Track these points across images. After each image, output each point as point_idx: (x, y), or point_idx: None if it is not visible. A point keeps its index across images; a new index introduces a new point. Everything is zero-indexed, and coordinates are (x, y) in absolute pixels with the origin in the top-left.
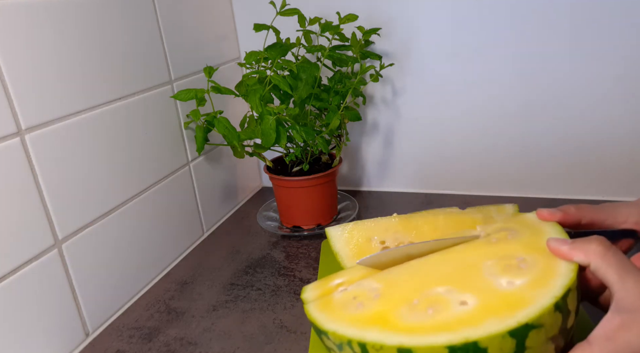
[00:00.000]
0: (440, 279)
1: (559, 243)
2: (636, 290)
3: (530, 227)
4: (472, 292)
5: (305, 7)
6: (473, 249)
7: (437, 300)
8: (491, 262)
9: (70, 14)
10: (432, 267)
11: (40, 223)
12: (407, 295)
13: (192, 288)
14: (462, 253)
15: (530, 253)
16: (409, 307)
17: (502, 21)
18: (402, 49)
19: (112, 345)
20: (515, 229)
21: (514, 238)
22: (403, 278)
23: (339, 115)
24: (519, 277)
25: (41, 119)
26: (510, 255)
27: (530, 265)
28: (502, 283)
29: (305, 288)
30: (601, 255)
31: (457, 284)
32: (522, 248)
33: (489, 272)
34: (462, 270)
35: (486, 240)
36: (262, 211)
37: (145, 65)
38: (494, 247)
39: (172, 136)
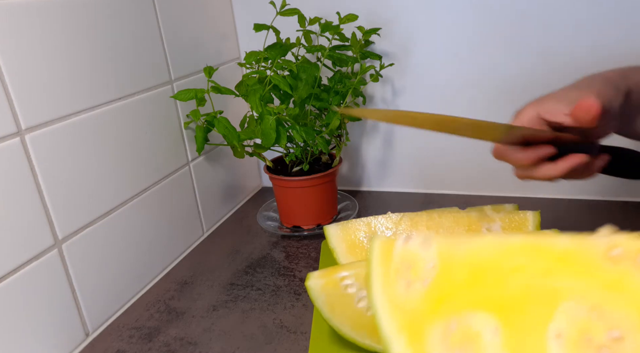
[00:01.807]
0: (497, 300)
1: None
2: None
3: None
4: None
5: (305, 7)
6: (573, 257)
7: (472, 341)
8: (572, 308)
9: (70, 14)
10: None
11: (40, 223)
12: (450, 303)
13: (192, 288)
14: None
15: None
16: (445, 326)
17: (503, 21)
18: (402, 49)
19: (112, 345)
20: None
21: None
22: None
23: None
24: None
25: (41, 119)
26: (606, 312)
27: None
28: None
29: (310, 275)
30: None
31: (509, 325)
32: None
33: (556, 331)
34: (530, 300)
35: (604, 250)
36: (262, 211)
37: (145, 65)
38: (600, 273)
39: (172, 136)
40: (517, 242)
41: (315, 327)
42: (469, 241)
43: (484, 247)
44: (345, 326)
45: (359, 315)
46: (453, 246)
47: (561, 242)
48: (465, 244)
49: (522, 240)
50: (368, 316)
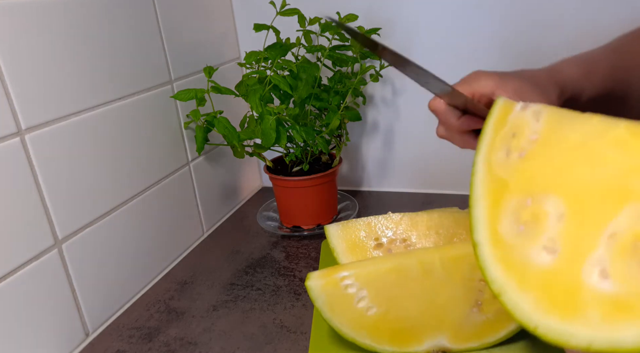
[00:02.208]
0: (575, 185)
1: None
2: None
3: None
4: (565, 243)
5: (305, 7)
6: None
7: (538, 221)
8: (635, 211)
9: (71, 14)
10: (591, 155)
11: (40, 223)
12: (536, 178)
13: (192, 288)
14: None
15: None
16: (521, 201)
17: (503, 21)
18: (402, 49)
19: (112, 345)
20: None
21: None
22: (559, 143)
23: (339, 115)
24: (617, 277)
25: (41, 119)
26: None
27: None
28: (594, 269)
29: (310, 275)
30: None
31: (574, 214)
32: None
33: (610, 232)
34: (602, 193)
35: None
36: (262, 211)
37: (145, 65)
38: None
39: (172, 136)
40: (619, 133)
41: (315, 327)
42: (578, 119)
43: (589, 129)
44: (345, 326)
45: (359, 315)
46: (561, 122)
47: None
48: (573, 122)
49: (626, 131)
50: (368, 316)
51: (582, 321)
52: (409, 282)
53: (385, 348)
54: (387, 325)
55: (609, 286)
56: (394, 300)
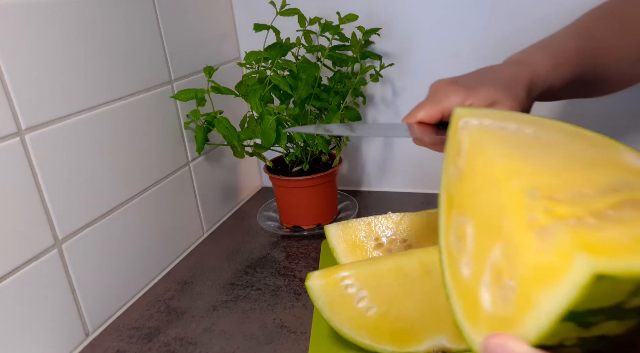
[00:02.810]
0: (477, 212)
1: (497, 351)
2: None
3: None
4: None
5: (305, 7)
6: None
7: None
8: (500, 248)
9: (71, 14)
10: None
11: (40, 223)
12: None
13: (192, 288)
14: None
15: (519, 287)
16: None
17: (503, 21)
18: (402, 49)
19: (112, 345)
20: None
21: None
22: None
23: (339, 115)
24: (492, 301)
25: (41, 119)
26: (512, 261)
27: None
28: (484, 290)
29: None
30: None
31: (479, 237)
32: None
33: (492, 259)
34: (490, 223)
35: (529, 203)
36: (262, 211)
37: (145, 65)
38: (519, 226)
39: (172, 136)
40: (495, 167)
41: (315, 327)
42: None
43: (486, 161)
44: (345, 326)
45: (359, 315)
46: (479, 145)
47: (514, 185)
48: (487, 147)
49: (498, 167)
50: (368, 316)
51: (479, 333)
52: (409, 282)
53: (385, 348)
54: (387, 325)
55: (489, 307)
56: (394, 300)
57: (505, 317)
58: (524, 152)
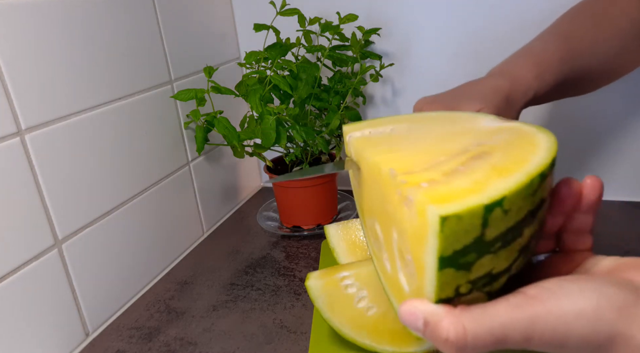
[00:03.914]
0: (374, 209)
1: (408, 321)
2: None
3: (421, 208)
4: (388, 254)
5: (305, 7)
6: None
7: (377, 236)
8: (395, 230)
9: (71, 14)
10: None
11: (40, 223)
12: (366, 209)
13: (192, 288)
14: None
15: (412, 256)
16: (369, 223)
17: (503, 21)
18: (402, 49)
19: (112, 345)
20: (412, 196)
21: (409, 210)
22: (372, 173)
23: (339, 115)
24: (406, 280)
25: (41, 119)
26: (403, 238)
27: (412, 274)
28: (401, 273)
29: (309, 275)
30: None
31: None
32: (410, 234)
33: (395, 242)
34: (384, 213)
35: (394, 182)
36: (262, 211)
37: (145, 65)
38: (396, 205)
39: (172, 136)
40: (369, 163)
41: (315, 327)
42: (361, 154)
43: (364, 161)
44: (345, 326)
45: (359, 316)
46: (360, 154)
47: (384, 171)
48: (364, 153)
49: (371, 162)
50: (368, 316)
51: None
52: None
53: (385, 348)
54: (387, 325)
55: (407, 288)
56: None
57: (416, 289)
58: (393, 147)
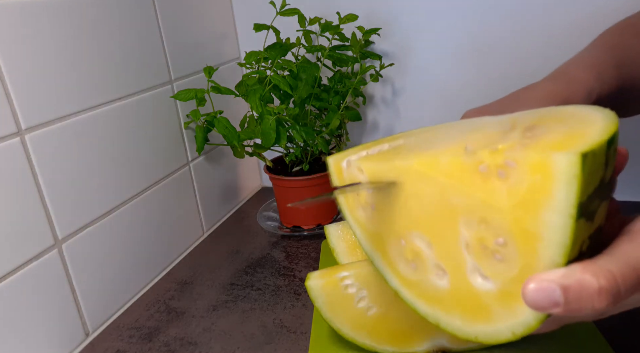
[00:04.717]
0: (423, 220)
1: (539, 300)
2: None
3: (538, 171)
4: (446, 265)
5: (305, 7)
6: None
7: (418, 254)
8: (468, 221)
9: (71, 14)
10: (419, 193)
11: (40, 223)
12: (395, 226)
13: (192, 288)
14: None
15: (514, 234)
16: (398, 246)
17: (503, 21)
18: (402, 49)
19: (112, 345)
20: (517, 158)
21: (507, 183)
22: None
23: (339, 115)
24: (490, 276)
25: (41, 119)
26: (491, 222)
27: (505, 260)
28: (476, 276)
29: (310, 275)
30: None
31: (436, 239)
32: (509, 214)
33: (465, 242)
34: (441, 217)
35: (473, 165)
36: (262, 211)
37: (145, 65)
38: (478, 189)
39: (172, 136)
40: (412, 165)
41: (315, 327)
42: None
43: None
44: (345, 326)
45: (359, 315)
46: (378, 170)
47: (443, 161)
48: (386, 168)
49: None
50: (368, 316)
51: (497, 318)
52: None
53: (385, 348)
54: (387, 326)
55: (491, 285)
56: (394, 300)
57: (516, 276)
58: (425, 149)
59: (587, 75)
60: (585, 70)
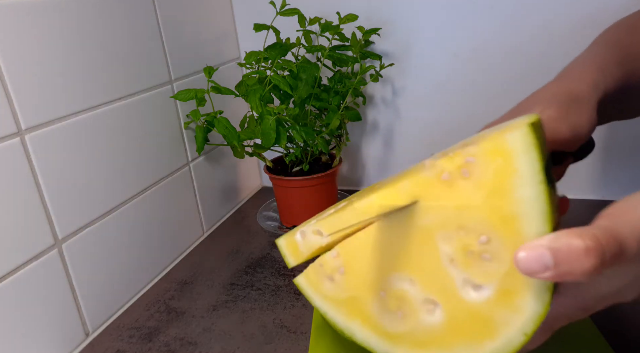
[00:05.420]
0: (398, 259)
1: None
2: None
3: (498, 155)
4: (435, 295)
5: (305, 7)
6: (422, 200)
7: (403, 298)
8: (446, 235)
9: (71, 14)
10: (386, 235)
11: (40, 223)
12: (371, 280)
13: (192, 288)
14: (410, 217)
15: (495, 226)
16: (378, 300)
17: (503, 21)
18: (402, 49)
19: (112, 345)
20: (474, 152)
21: (473, 179)
22: (360, 251)
23: (339, 115)
24: (484, 281)
25: (41, 119)
26: (469, 225)
27: (494, 256)
28: (468, 290)
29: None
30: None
31: (417, 273)
32: (483, 208)
33: (448, 259)
34: (416, 246)
35: (435, 177)
36: (262, 211)
37: (145, 65)
38: (446, 199)
39: (172, 136)
40: (367, 204)
41: (315, 327)
42: (347, 213)
43: (358, 212)
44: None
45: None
46: (338, 221)
47: (402, 186)
48: (346, 216)
49: (370, 201)
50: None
51: (503, 326)
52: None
53: None
54: None
55: (486, 291)
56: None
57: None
58: (372, 191)
59: (592, 73)
60: (589, 68)
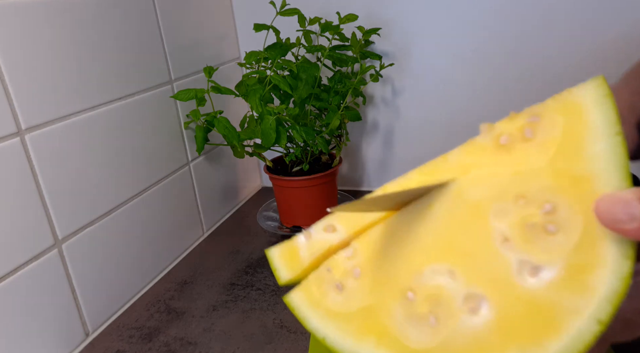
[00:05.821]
0: (434, 247)
1: (616, 212)
2: None
3: (566, 111)
4: (483, 286)
5: (305, 7)
6: (474, 169)
7: (438, 297)
8: (501, 208)
9: (71, 14)
10: (419, 220)
11: (40, 223)
12: (396, 279)
13: (192, 288)
14: (458, 184)
15: (563, 189)
16: (404, 304)
17: (503, 21)
18: (402, 49)
19: (112, 345)
20: (538, 112)
21: (536, 140)
22: (384, 244)
23: (339, 115)
24: (546, 260)
25: (41, 119)
26: (530, 192)
27: (561, 227)
28: (525, 276)
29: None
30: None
31: (459, 261)
32: (547, 171)
33: (502, 238)
34: (461, 226)
35: (492, 141)
36: (262, 211)
37: (145, 65)
38: (503, 165)
39: (172, 136)
40: (404, 184)
41: None
42: (367, 205)
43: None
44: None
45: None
46: (356, 218)
47: (452, 160)
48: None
49: (408, 179)
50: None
51: (571, 316)
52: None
53: None
54: None
55: (550, 272)
56: None
57: (579, 241)
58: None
59: (623, 92)
60: (623, 91)
